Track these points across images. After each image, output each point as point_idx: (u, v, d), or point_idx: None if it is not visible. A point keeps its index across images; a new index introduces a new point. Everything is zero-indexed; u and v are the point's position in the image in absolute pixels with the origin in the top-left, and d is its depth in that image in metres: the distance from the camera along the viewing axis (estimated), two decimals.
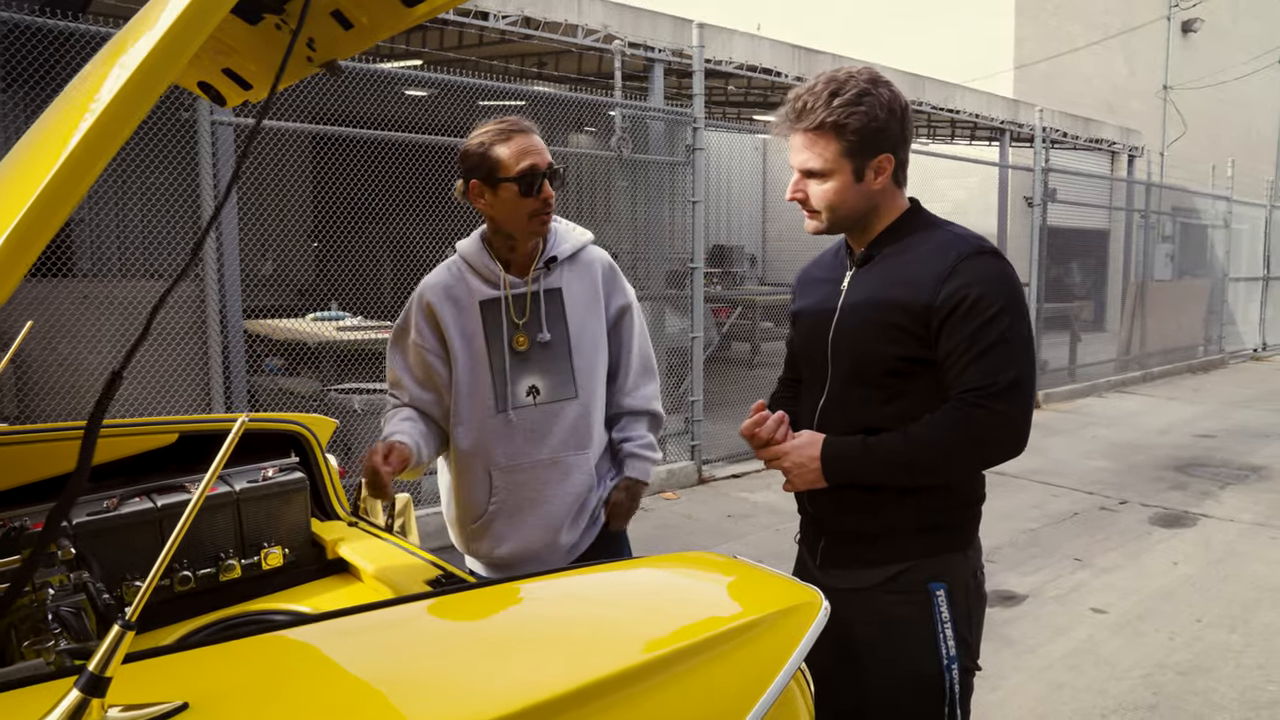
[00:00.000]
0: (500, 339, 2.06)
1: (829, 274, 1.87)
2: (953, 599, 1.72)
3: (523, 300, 2.07)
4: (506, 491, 2.10)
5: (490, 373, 2.06)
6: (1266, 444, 7.98)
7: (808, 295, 1.92)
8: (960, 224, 1.80)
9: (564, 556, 2.15)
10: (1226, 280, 14.25)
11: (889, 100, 1.67)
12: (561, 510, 2.11)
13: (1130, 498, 6.11)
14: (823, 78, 1.69)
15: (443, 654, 1.17)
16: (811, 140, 1.69)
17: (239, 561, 1.99)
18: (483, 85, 5.24)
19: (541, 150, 1.99)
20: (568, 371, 2.08)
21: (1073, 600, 4.28)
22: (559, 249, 2.11)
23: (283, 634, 1.21)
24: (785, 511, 5.87)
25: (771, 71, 7.31)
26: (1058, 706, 3.25)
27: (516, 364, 2.06)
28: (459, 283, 2.09)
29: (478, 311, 2.06)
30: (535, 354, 2.06)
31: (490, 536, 2.14)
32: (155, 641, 1.73)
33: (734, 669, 1.09)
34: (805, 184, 1.74)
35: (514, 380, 2.06)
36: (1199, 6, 17.67)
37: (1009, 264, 1.71)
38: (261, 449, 2.25)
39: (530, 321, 2.06)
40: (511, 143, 1.96)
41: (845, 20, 15.24)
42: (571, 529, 2.14)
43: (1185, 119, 17.32)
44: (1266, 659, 3.67)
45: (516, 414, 2.06)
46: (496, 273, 2.07)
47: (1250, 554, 4.99)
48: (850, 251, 1.83)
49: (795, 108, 1.70)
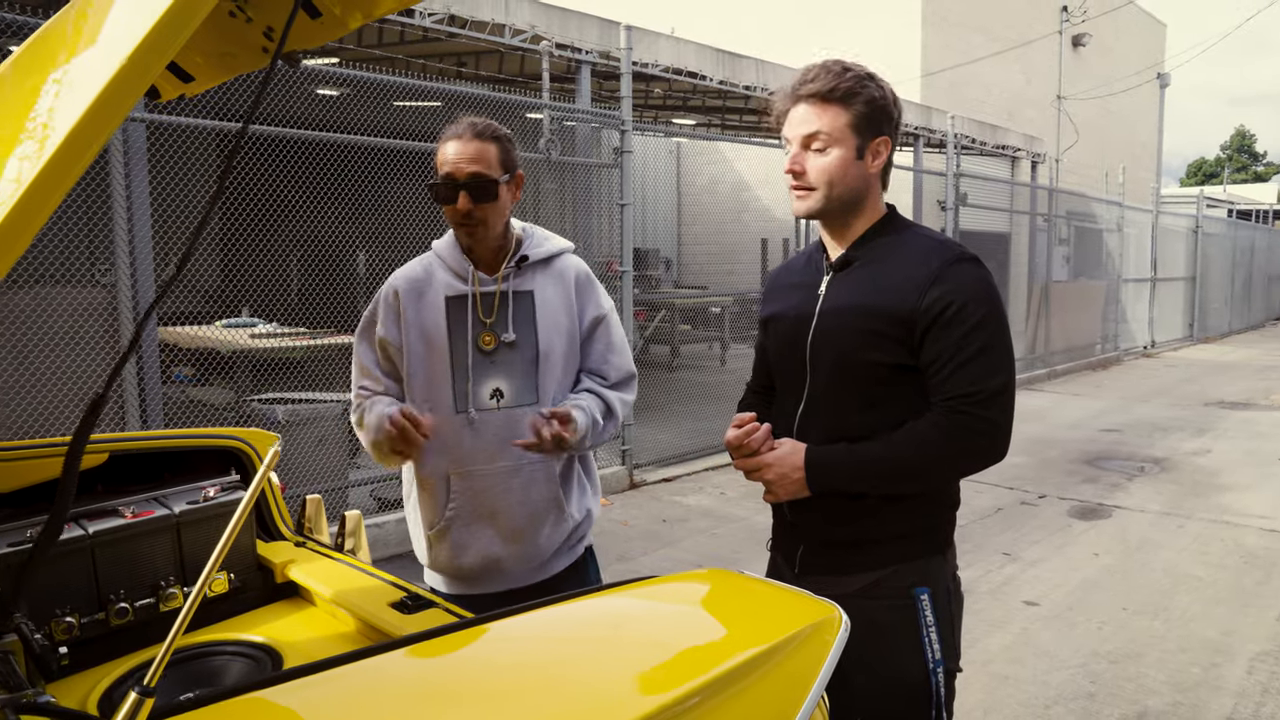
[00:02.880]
0: (465, 337, 1.97)
1: (803, 279, 1.83)
2: (935, 602, 1.71)
3: (491, 299, 1.99)
4: (465, 498, 2.00)
5: (451, 370, 1.97)
6: (1165, 436, 8.41)
7: (780, 300, 1.87)
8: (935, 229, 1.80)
9: (532, 572, 2.06)
10: (1121, 281, 15.01)
11: (888, 90, 1.70)
12: (523, 520, 2.01)
13: (1049, 492, 6.34)
14: (828, 60, 1.69)
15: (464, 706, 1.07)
16: (820, 108, 1.67)
17: (181, 589, 1.85)
18: (400, 83, 5.08)
19: (468, 158, 1.90)
20: (533, 376, 2.00)
21: (1005, 594, 4.40)
22: (532, 250, 2.04)
23: (266, 697, 1.07)
24: (718, 515, 5.88)
25: (697, 75, 7.32)
26: (1003, 699, 3.32)
27: (481, 364, 1.98)
28: (428, 276, 2.03)
29: (443, 306, 1.99)
30: (501, 355, 1.98)
31: (449, 545, 2.03)
32: (89, 684, 1.58)
33: (765, 695, 1.03)
34: (804, 156, 1.69)
35: (477, 380, 1.97)
36: (1087, 23, 18.59)
37: (989, 271, 1.71)
38: (198, 467, 2.10)
39: (498, 321, 1.98)
40: (446, 145, 1.93)
41: (760, 27, 15.46)
42: (536, 541, 2.04)
43: (1077, 128, 18.17)
44: (1188, 643, 3.84)
45: (479, 415, 1.97)
46: (466, 268, 2.00)
47: (1162, 542, 5.22)
48: (825, 255, 1.80)
49: (804, 78, 1.68)
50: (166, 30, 0.68)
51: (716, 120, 12.24)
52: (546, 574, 2.07)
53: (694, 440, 7.42)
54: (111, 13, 0.83)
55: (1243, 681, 3.48)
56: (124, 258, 3.72)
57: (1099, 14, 18.67)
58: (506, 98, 5.69)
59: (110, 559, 1.75)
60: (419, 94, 5.83)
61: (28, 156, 0.70)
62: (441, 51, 7.17)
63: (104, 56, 0.73)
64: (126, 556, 1.78)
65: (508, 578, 2.04)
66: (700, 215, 15.70)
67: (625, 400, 2.10)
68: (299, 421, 4.54)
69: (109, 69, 0.68)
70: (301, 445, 4.57)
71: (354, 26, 1.39)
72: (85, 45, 0.86)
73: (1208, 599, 4.34)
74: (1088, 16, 18.46)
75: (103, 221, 3.69)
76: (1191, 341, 17.99)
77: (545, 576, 2.06)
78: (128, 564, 1.78)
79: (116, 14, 0.81)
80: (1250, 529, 5.48)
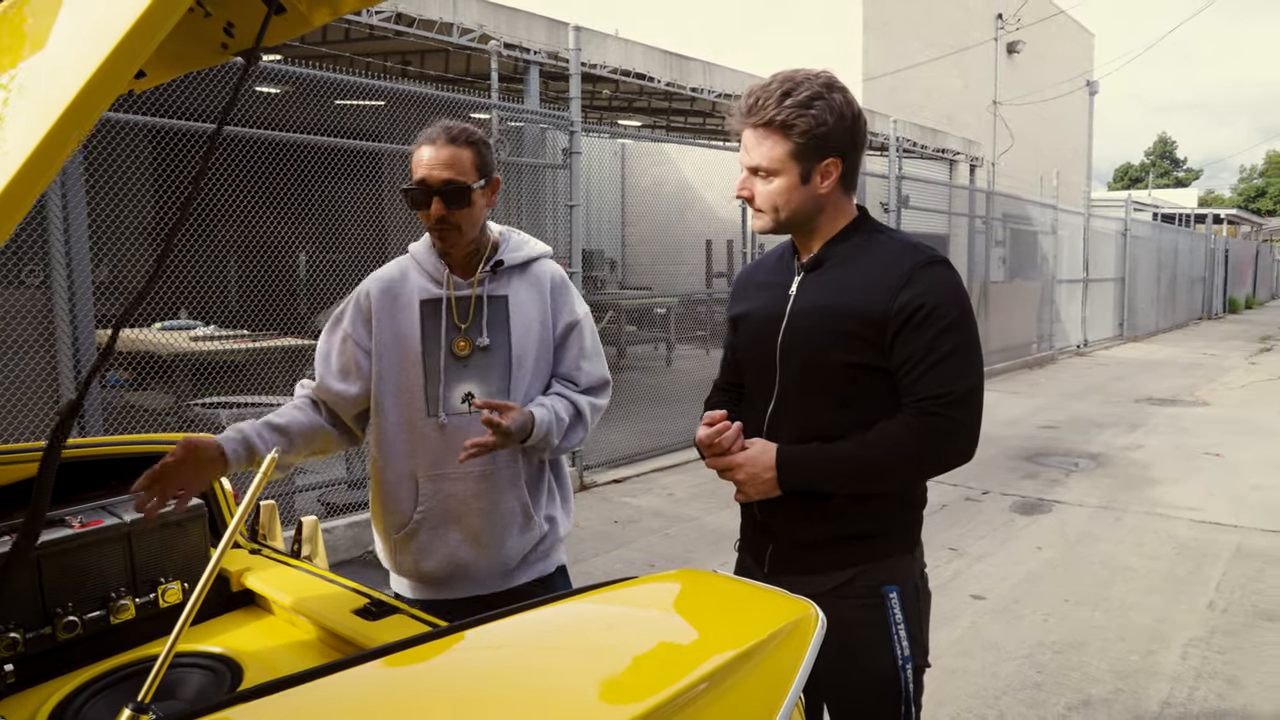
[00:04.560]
0: (438, 340, 1.96)
1: (774, 278, 1.84)
2: (904, 600, 1.74)
3: (466, 303, 1.98)
4: (433, 501, 1.99)
5: (424, 374, 1.96)
6: (1100, 432, 8.68)
7: (750, 299, 1.88)
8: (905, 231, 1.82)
9: (498, 579, 2.04)
10: (1054, 282, 15.46)
11: (840, 105, 1.66)
12: (489, 525, 1.99)
13: (991, 488, 6.49)
14: (779, 77, 1.67)
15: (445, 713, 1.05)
16: (760, 138, 1.67)
17: (133, 600, 1.79)
18: (346, 81, 4.99)
19: (441, 164, 1.89)
20: (506, 381, 1.98)
21: (953, 588, 4.49)
22: (508, 255, 2.03)
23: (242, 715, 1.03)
24: (669, 515, 5.89)
25: (645, 76, 7.34)
26: (954, 691, 3.39)
27: (453, 368, 1.96)
28: (403, 279, 2.02)
29: (417, 309, 1.98)
30: (475, 360, 1.97)
31: (415, 548, 2.01)
32: (36, 701, 1.52)
33: (748, 695, 1.04)
34: (752, 182, 1.72)
35: (449, 384, 1.96)
36: (1021, 31, 19.12)
37: (959, 274, 1.73)
38: None
39: (472, 326, 1.97)
40: (421, 150, 1.92)
41: (705, 30, 15.56)
42: (502, 547, 2.02)
43: (1012, 133, 18.67)
44: (1126, 631, 3.97)
45: (450, 419, 1.96)
46: (441, 272, 2.00)
47: (1100, 535, 5.39)
48: (796, 255, 1.81)
49: (748, 104, 1.67)
50: (148, 24, 0.66)
51: (662, 121, 12.29)
52: (512, 583, 2.04)
53: (642, 441, 7.43)
54: (81, 7, 0.80)
55: (1178, 667, 3.61)
56: (59, 258, 3.58)
57: (1032, 22, 19.20)
58: (454, 97, 5.63)
59: (57, 571, 1.69)
60: (364, 93, 5.73)
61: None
62: (387, 50, 7.07)
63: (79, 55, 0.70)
64: (75, 568, 1.71)
65: (473, 584, 2.02)
66: (644, 216, 15.73)
67: (596, 405, 2.08)
68: None
69: (88, 66, 0.65)
70: None
71: (319, 23, 1.36)
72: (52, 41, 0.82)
73: (1143, 589, 4.50)
74: (1021, 24, 18.98)
75: (34, 221, 3.55)
76: (1122, 340, 18.61)
77: (511, 585, 2.04)
78: (76, 575, 1.71)
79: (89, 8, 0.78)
80: (1181, 520, 5.69)
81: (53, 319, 3.53)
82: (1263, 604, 4.29)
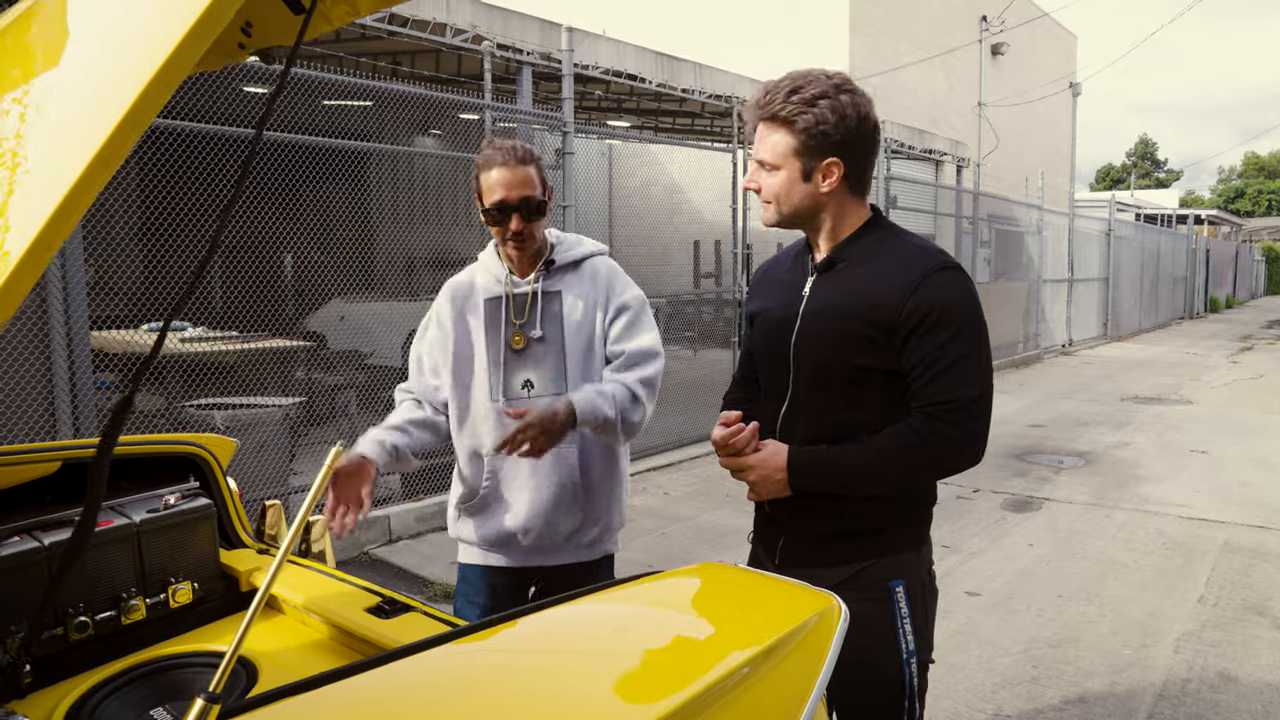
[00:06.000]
0: (499, 334, 2.17)
1: (789, 276, 1.86)
2: (910, 595, 1.76)
3: (524, 300, 2.18)
4: (495, 477, 2.20)
5: (487, 364, 2.18)
6: (1087, 431, 8.76)
7: (767, 296, 1.90)
8: (920, 235, 1.85)
9: (545, 555, 2.22)
10: (1040, 282, 15.57)
11: (846, 106, 1.67)
12: (542, 504, 2.17)
13: (982, 486, 6.54)
14: (792, 74, 1.70)
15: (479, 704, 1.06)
16: (768, 131, 1.71)
17: (144, 600, 1.78)
18: (340, 81, 4.97)
19: (517, 184, 2.09)
20: (561, 369, 2.17)
21: (948, 585, 4.52)
22: (560, 255, 2.22)
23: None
24: (665, 515, 5.90)
25: (636, 77, 7.35)
26: (952, 686, 3.42)
27: (512, 359, 2.17)
28: (471, 282, 2.26)
29: (482, 308, 2.21)
30: (531, 351, 2.17)
31: (483, 516, 2.24)
32: (51, 702, 1.51)
33: (774, 688, 1.05)
34: (760, 174, 1.76)
35: (509, 374, 2.17)
36: (1005, 33, 19.26)
37: (970, 279, 1.75)
38: (154, 474, 2.03)
39: (528, 322, 2.18)
40: (491, 173, 2.09)
41: (691, 32, 15.59)
42: (552, 525, 2.18)
43: (997, 134, 18.80)
44: (1120, 626, 4.01)
45: (510, 404, 2.15)
46: (503, 273, 2.21)
47: (1091, 532, 5.44)
48: (811, 256, 1.83)
49: (759, 98, 1.71)
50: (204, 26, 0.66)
51: (650, 122, 12.31)
52: (557, 560, 2.21)
53: (636, 441, 7.42)
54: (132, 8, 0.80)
55: (1171, 660, 3.66)
56: (54, 258, 3.55)
57: (1016, 24, 19.34)
58: (449, 97, 5.63)
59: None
60: (356, 93, 5.72)
61: (52, 169, 0.68)
62: (377, 50, 7.06)
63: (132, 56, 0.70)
64: (85, 568, 1.71)
65: (521, 555, 2.22)
66: (632, 218, 15.73)
67: (644, 377, 2.17)
68: (239, 427, 4.41)
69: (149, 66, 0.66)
70: (242, 451, 4.44)
71: (338, 24, 1.37)
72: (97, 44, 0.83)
73: (1135, 584, 4.55)
74: (1005, 27, 19.12)
75: None
76: (1106, 340, 18.77)
77: (556, 563, 2.22)
78: (87, 576, 1.71)
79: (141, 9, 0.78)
80: (1170, 517, 5.75)
81: (47, 319, 3.50)
82: (1251, 598, 4.34)
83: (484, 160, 2.11)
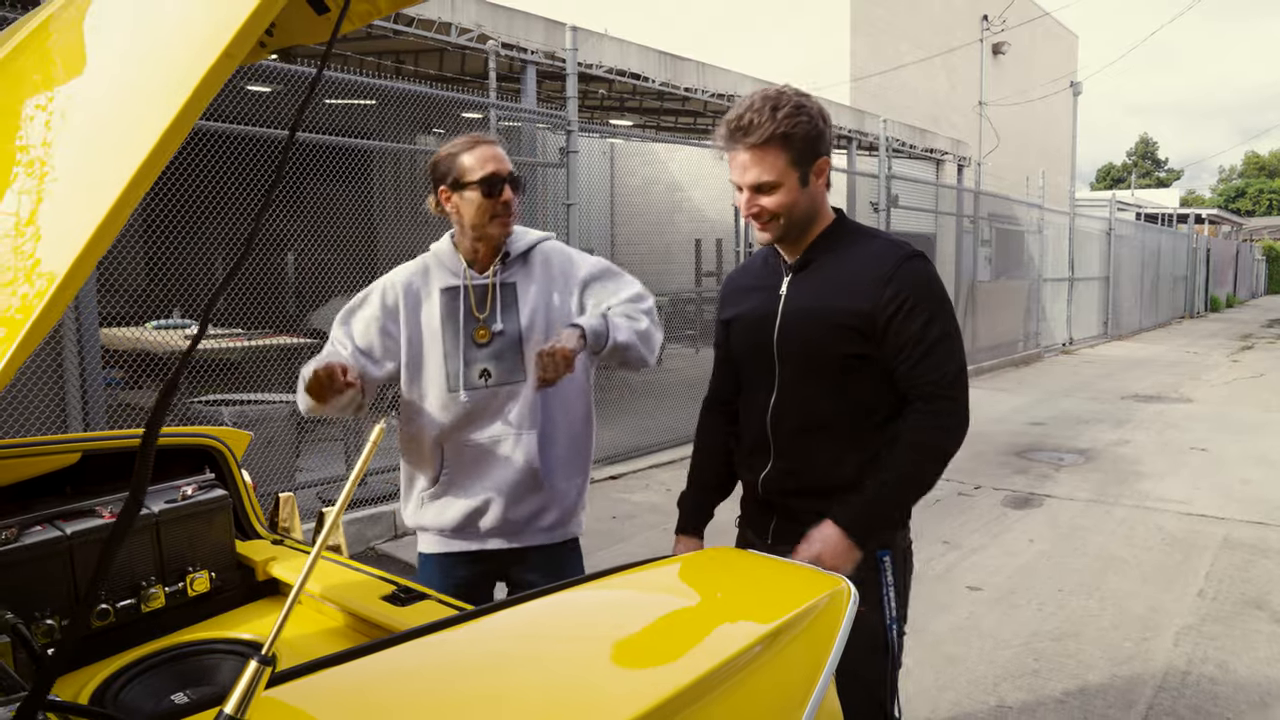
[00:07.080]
0: (456, 325, 2.18)
1: (762, 281, 1.97)
2: (894, 565, 1.88)
3: (483, 293, 2.19)
4: (455, 465, 2.22)
5: (444, 357, 2.18)
6: (1087, 428, 8.79)
7: (741, 302, 2.01)
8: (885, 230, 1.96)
9: (507, 537, 2.23)
10: (1040, 281, 15.60)
11: (816, 109, 1.81)
12: (507, 481, 2.19)
13: (983, 483, 6.57)
14: (756, 96, 1.79)
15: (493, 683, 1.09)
16: (760, 155, 1.77)
17: (163, 589, 1.82)
18: (345, 80, 5.00)
19: (503, 159, 2.16)
20: (518, 357, 2.19)
21: (950, 579, 4.56)
22: (513, 246, 2.24)
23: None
24: (667, 511, 5.92)
25: (640, 76, 7.38)
26: (954, 678, 3.45)
27: (471, 350, 2.19)
28: (423, 274, 2.25)
29: (438, 298, 2.20)
30: (492, 343, 2.20)
31: (438, 505, 2.25)
32: (75, 686, 1.55)
33: (786, 667, 1.09)
34: (758, 199, 1.82)
35: (468, 364, 2.19)
36: (1006, 32, 19.29)
37: (934, 266, 1.88)
38: (170, 466, 2.07)
39: (489, 315, 2.20)
40: (476, 151, 2.14)
41: (694, 32, 15.61)
42: (512, 509, 2.20)
43: (998, 133, 18.83)
44: (1120, 620, 4.04)
45: (468, 394, 2.18)
46: (460, 267, 2.22)
47: (1091, 528, 5.48)
48: (781, 258, 1.93)
49: (739, 126, 1.77)
50: (254, 22, 0.69)
51: (653, 121, 12.33)
52: (520, 542, 2.24)
53: (636, 438, 7.47)
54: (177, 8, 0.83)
55: (1171, 653, 3.69)
56: None
57: (1017, 24, 19.37)
58: (455, 96, 5.66)
59: (89, 560, 1.72)
60: (360, 91, 5.74)
61: (107, 162, 0.71)
62: (380, 49, 7.08)
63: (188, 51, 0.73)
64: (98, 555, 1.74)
65: (482, 539, 2.24)
66: (634, 216, 15.76)
67: (643, 308, 2.19)
68: (246, 423, 4.45)
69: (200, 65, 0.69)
70: (249, 446, 4.46)
71: (360, 24, 1.40)
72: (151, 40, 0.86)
73: (1135, 579, 4.58)
74: (1006, 26, 19.15)
75: None
76: (1106, 338, 18.80)
77: (518, 545, 2.24)
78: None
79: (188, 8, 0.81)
80: (1169, 513, 5.79)
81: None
82: (1251, 592, 4.38)
83: (454, 147, 2.15)
